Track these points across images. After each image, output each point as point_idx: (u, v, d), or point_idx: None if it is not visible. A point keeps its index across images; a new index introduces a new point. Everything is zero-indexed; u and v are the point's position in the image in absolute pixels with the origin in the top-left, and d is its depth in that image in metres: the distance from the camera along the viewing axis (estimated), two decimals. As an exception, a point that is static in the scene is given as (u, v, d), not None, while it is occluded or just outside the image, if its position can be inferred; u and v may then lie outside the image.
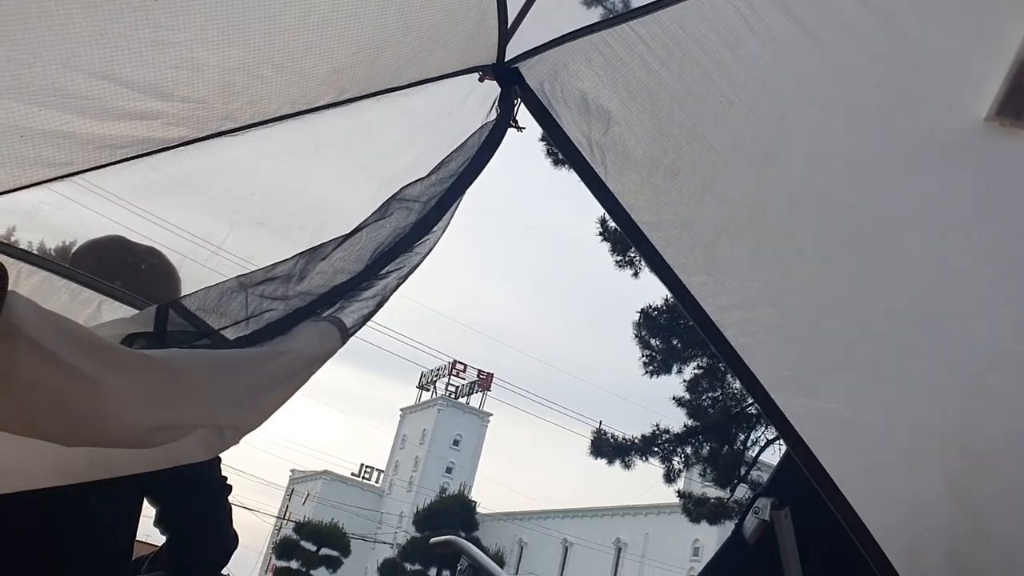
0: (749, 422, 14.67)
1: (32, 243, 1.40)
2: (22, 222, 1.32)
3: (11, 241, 1.32)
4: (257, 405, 0.90)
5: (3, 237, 1.29)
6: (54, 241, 1.50)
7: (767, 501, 1.43)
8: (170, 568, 1.70)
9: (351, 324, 1.01)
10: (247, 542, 57.15)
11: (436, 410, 74.27)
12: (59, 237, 1.51)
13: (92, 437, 0.76)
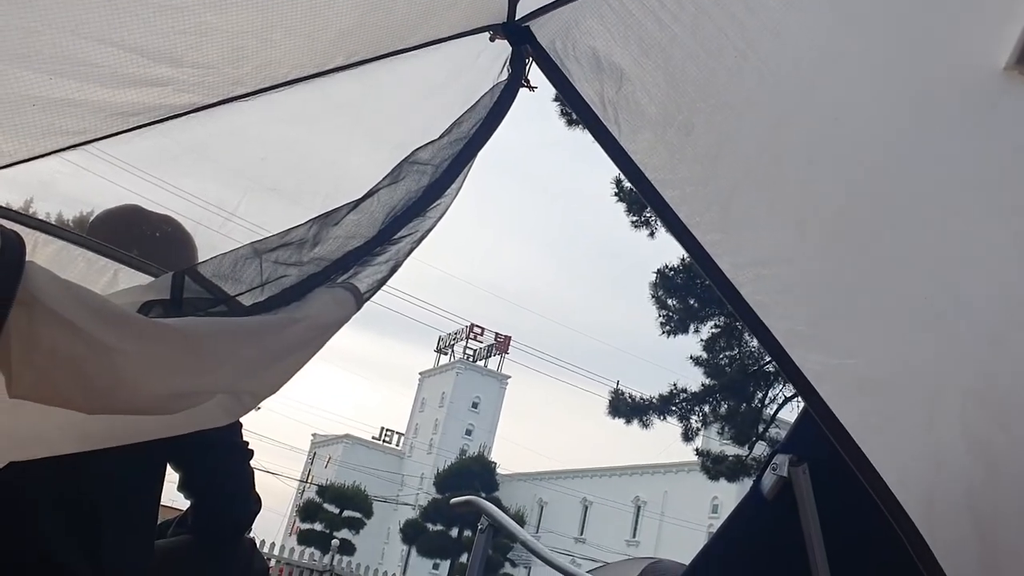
0: (767, 380, 14.67)
1: (50, 214, 1.40)
2: (38, 193, 1.33)
3: (29, 212, 1.33)
4: (274, 371, 0.91)
5: (21, 208, 1.30)
6: (71, 212, 1.51)
7: (785, 457, 1.43)
8: (195, 531, 1.73)
9: (365, 289, 1.01)
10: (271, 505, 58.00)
11: (454, 373, 74.71)
12: (75, 207, 1.52)
13: (112, 404, 0.77)
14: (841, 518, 1.46)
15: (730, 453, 15.06)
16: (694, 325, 14.61)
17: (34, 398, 0.73)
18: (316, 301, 0.94)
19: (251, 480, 1.71)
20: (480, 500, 1.98)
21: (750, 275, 1.25)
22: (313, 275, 0.96)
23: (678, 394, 14.58)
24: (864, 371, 1.27)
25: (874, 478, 1.17)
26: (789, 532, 1.44)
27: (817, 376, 1.21)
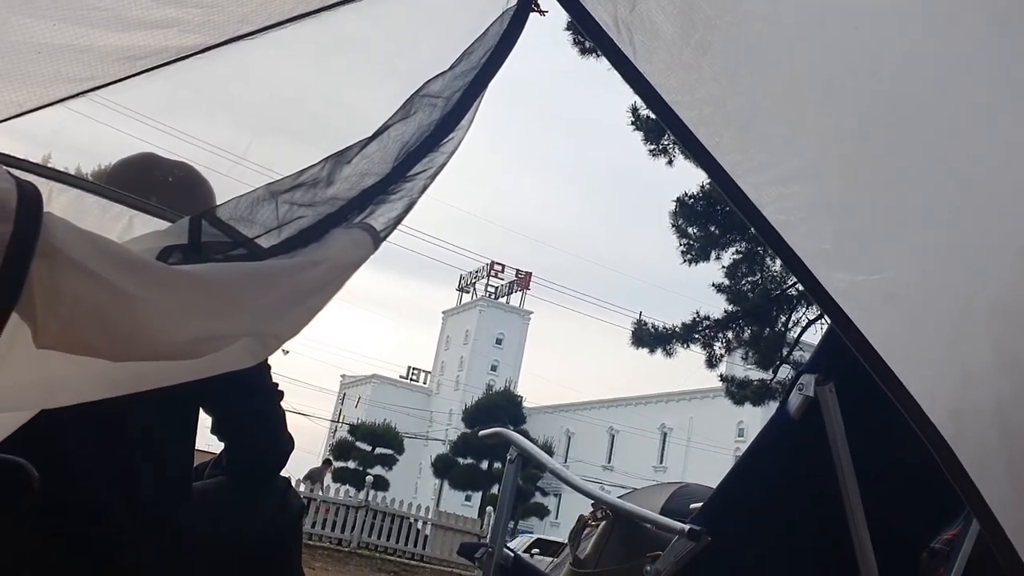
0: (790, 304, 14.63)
1: (68, 167, 1.40)
2: (50, 143, 1.32)
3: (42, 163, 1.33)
4: (296, 313, 0.91)
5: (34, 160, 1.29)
6: (83, 163, 1.51)
7: (811, 377, 1.43)
8: (230, 473, 1.76)
9: (381, 228, 1.00)
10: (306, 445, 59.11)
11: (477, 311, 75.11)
12: (86, 158, 1.51)
13: (136, 351, 0.78)
14: (868, 435, 1.47)
15: (754, 377, 15.13)
16: (715, 252, 14.54)
17: (60, 348, 0.73)
18: (334, 242, 0.93)
19: (282, 420, 1.74)
20: (508, 432, 2.00)
21: (772, 194, 1.23)
22: (329, 215, 0.95)
23: (701, 321, 14.59)
24: (890, 286, 1.26)
25: (901, 393, 1.16)
26: (817, 451, 1.44)
27: (842, 294, 1.19)
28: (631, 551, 1.62)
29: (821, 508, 1.56)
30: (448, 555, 16.81)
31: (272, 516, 1.78)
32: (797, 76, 1.25)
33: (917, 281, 1.27)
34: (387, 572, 13.35)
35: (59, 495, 1.32)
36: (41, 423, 0.99)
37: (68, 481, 1.36)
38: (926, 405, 1.21)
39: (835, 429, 1.43)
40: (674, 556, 1.52)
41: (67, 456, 1.38)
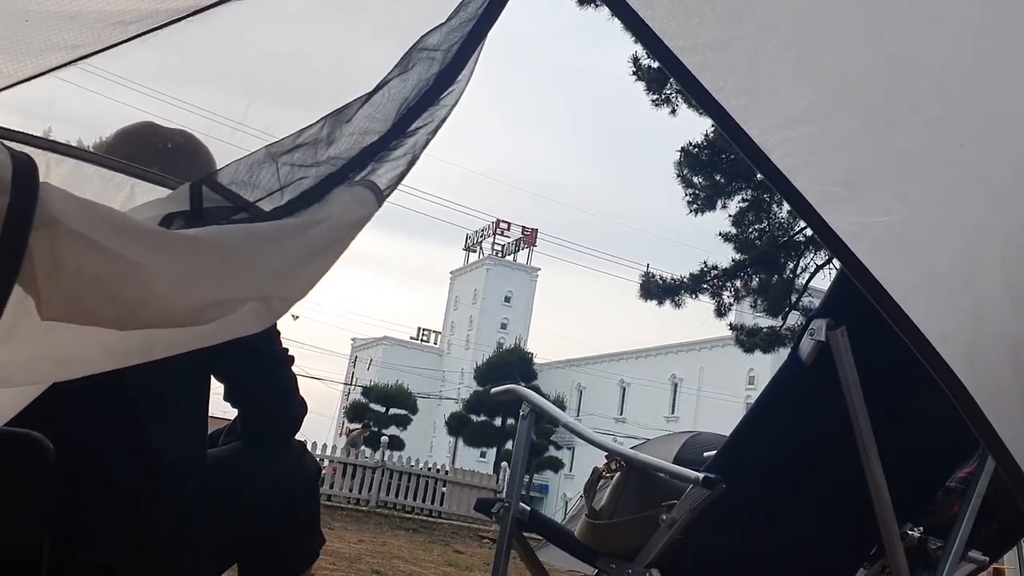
0: (797, 250, 14.58)
1: (69, 142, 1.39)
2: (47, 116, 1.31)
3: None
4: (301, 274, 0.90)
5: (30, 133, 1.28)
6: (90, 138, 1.50)
7: (822, 322, 1.42)
8: (245, 438, 1.77)
9: (384, 186, 0.99)
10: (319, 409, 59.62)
11: (485, 270, 75.18)
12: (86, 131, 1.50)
13: (144, 319, 0.77)
14: (882, 378, 1.46)
15: (764, 325, 15.13)
16: (721, 201, 14.47)
17: (66, 319, 0.73)
18: (336, 201, 0.92)
19: (294, 384, 1.74)
20: (520, 388, 2.00)
21: (779, 138, 1.21)
22: (330, 175, 0.94)
23: (709, 271, 14.57)
24: (900, 227, 1.24)
25: (914, 334, 1.15)
26: (829, 396, 1.44)
27: (853, 236, 1.18)
28: (646, 500, 1.63)
29: (835, 452, 1.56)
30: (466, 511, 17.03)
31: (289, 479, 1.80)
32: (802, 15, 1.22)
33: (928, 221, 1.26)
34: (406, 529, 13.53)
35: (75, 466, 1.32)
36: (53, 395, 0.99)
37: (84, 452, 1.37)
38: (939, 345, 1.20)
39: (847, 373, 1.42)
40: (689, 504, 1.53)
41: (81, 427, 1.38)
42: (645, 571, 1.57)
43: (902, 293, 1.19)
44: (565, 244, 67.36)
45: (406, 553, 9.24)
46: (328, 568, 6.29)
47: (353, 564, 7.02)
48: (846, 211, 1.22)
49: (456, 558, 9.61)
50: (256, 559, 1.80)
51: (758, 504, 1.60)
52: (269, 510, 1.75)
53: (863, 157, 1.26)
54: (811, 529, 1.70)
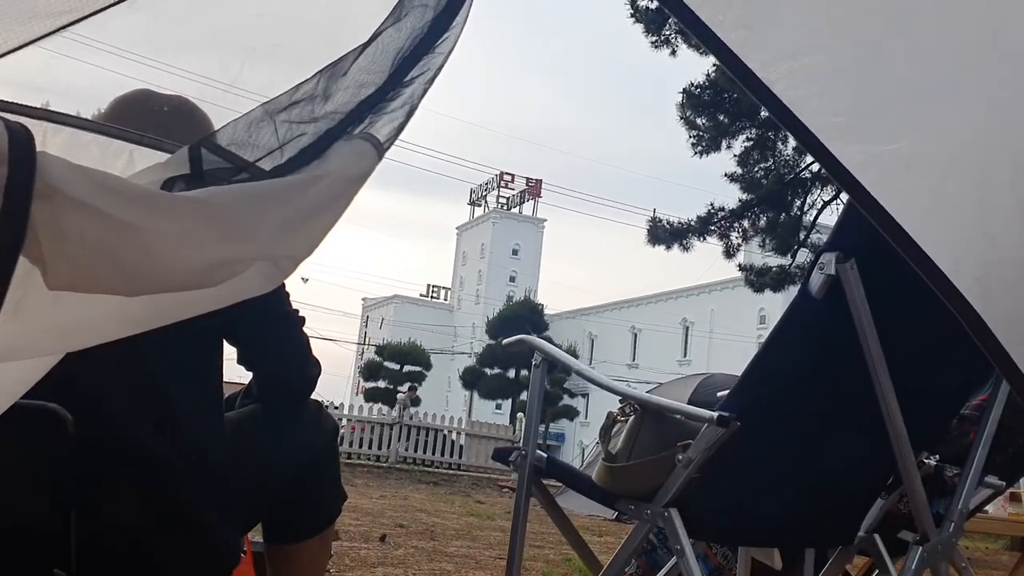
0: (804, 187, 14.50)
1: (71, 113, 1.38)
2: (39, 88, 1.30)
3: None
4: (306, 231, 0.90)
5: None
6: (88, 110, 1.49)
7: (832, 255, 1.41)
8: (261, 400, 1.78)
9: (384, 139, 0.98)
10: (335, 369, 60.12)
11: (491, 223, 75.09)
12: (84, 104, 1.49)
13: (151, 284, 0.77)
14: (893, 309, 1.46)
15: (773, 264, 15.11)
16: (726, 141, 14.35)
17: (73, 287, 0.73)
18: (336, 156, 0.91)
19: (306, 345, 1.75)
20: (531, 337, 2.00)
21: (782, 70, 1.19)
22: (329, 130, 0.93)
23: (716, 213, 14.51)
24: (907, 154, 1.23)
25: (925, 262, 1.14)
26: (841, 329, 1.44)
27: (859, 166, 1.17)
28: (661, 442, 1.64)
29: (848, 385, 1.56)
30: (484, 462, 17.24)
31: (307, 438, 1.81)
32: (800, -58, 1.19)
33: (936, 147, 1.24)
34: (427, 483, 13.72)
35: (95, 435, 1.34)
36: (68, 366, 1.00)
37: (102, 421, 1.38)
38: (951, 272, 1.20)
39: (859, 306, 1.41)
40: (705, 443, 1.54)
41: (98, 396, 1.40)
42: (663, 510, 1.59)
43: (911, 221, 1.18)
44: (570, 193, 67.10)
45: (428, 506, 9.38)
46: (352, 524, 6.39)
47: (376, 519, 7.14)
48: (852, 140, 1.20)
49: (477, 508, 9.75)
50: (279, 518, 1.83)
51: (773, 440, 1.61)
52: (290, 469, 1.77)
53: (868, 85, 1.24)
54: (827, 462, 1.71)
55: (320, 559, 1.94)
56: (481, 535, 6.84)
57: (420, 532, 6.58)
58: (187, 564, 1.46)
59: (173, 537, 1.42)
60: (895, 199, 1.19)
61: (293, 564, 1.87)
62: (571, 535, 1.95)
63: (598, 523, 8.58)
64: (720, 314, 52.24)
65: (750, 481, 1.67)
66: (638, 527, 1.66)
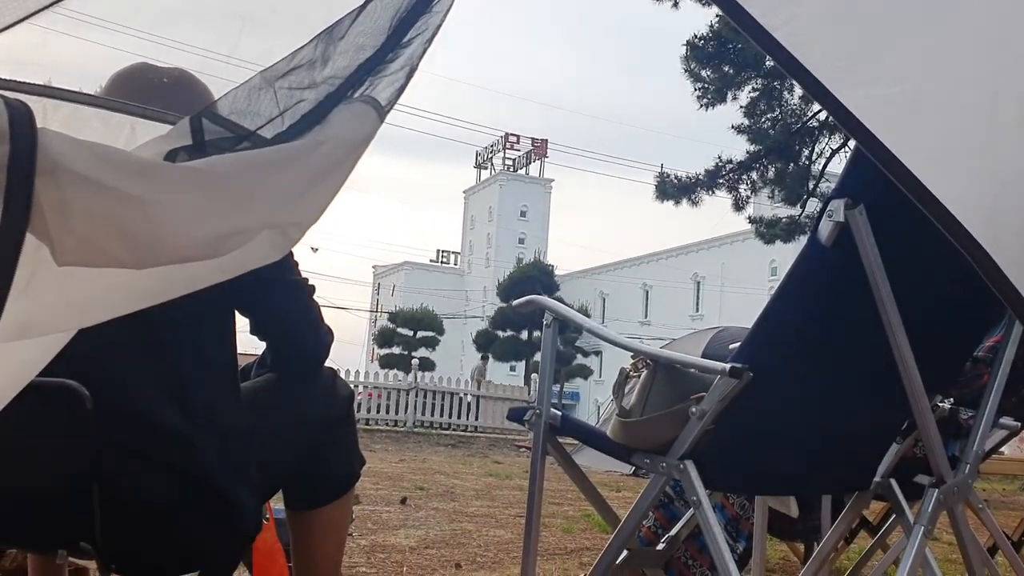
0: (812, 136, 14.37)
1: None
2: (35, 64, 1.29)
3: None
4: (311, 198, 0.90)
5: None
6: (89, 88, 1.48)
7: (840, 202, 1.40)
8: (275, 369, 1.79)
9: (385, 101, 0.97)
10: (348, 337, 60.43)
11: (498, 186, 74.90)
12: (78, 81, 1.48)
13: (160, 256, 0.77)
14: (904, 254, 1.45)
15: (783, 215, 15.04)
16: (731, 92, 14.21)
17: (82, 262, 0.73)
18: (337, 120, 0.91)
19: (318, 313, 1.76)
20: (541, 297, 2.00)
21: (783, 16, 1.17)
22: (330, 95, 0.92)
23: (724, 166, 14.42)
24: (912, 96, 1.21)
25: (934, 204, 1.14)
26: (852, 276, 1.43)
27: (865, 110, 1.15)
28: (675, 396, 1.64)
29: (860, 331, 1.56)
30: (500, 423, 17.38)
31: (323, 404, 1.83)
32: None
33: (941, 87, 1.23)
34: (444, 446, 13.85)
35: (112, 410, 1.35)
36: (83, 343, 1.01)
37: (119, 396, 1.40)
38: (960, 214, 1.19)
39: (869, 251, 1.41)
40: (718, 395, 1.54)
41: (114, 370, 1.41)
42: (679, 463, 1.60)
43: (918, 163, 1.17)
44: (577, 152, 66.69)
45: (447, 468, 9.47)
46: (372, 488, 6.47)
47: (396, 482, 7.22)
48: (856, 84, 1.19)
49: (495, 468, 9.84)
50: (299, 484, 1.85)
51: (786, 389, 1.62)
52: (307, 436, 1.79)
53: (870, 28, 1.22)
54: (841, 409, 1.72)
55: (341, 523, 1.97)
56: (500, 494, 6.91)
57: (440, 494, 6.65)
58: (209, 532, 1.48)
59: (194, 506, 1.44)
60: (902, 142, 1.17)
61: (315, 529, 1.90)
62: (589, 491, 1.96)
63: (615, 479, 8.66)
64: (731, 267, 52.14)
65: (765, 431, 1.67)
66: (654, 480, 1.67)
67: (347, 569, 3.19)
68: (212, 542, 1.50)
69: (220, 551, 1.52)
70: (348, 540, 3.10)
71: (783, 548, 4.13)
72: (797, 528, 2.88)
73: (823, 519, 2.62)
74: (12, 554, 2.32)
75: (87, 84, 1.46)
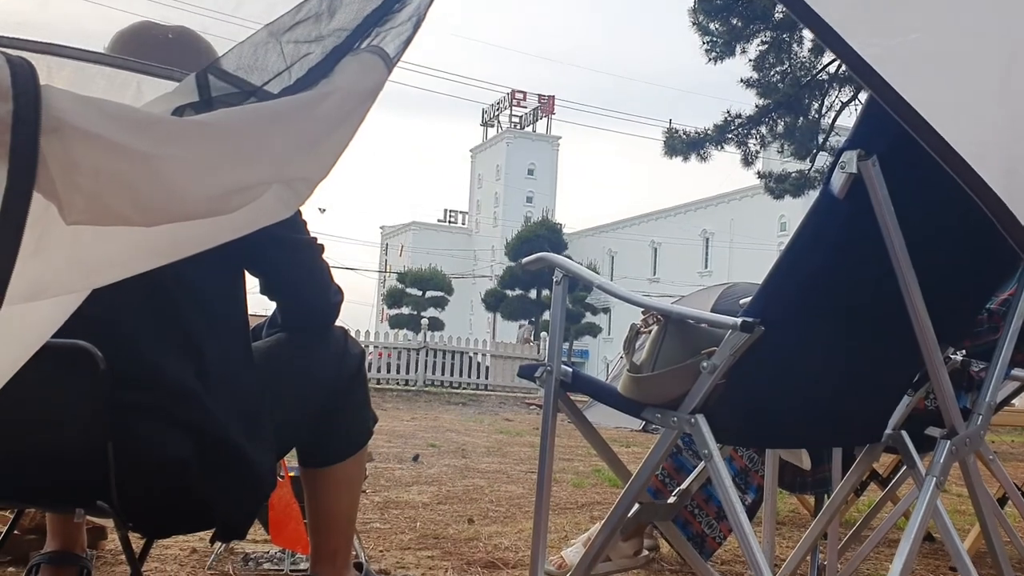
0: (821, 89, 14.20)
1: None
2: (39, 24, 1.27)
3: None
4: (319, 152, 0.89)
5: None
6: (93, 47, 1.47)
7: (853, 153, 1.38)
8: (286, 328, 1.80)
9: (393, 53, 0.96)
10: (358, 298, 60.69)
11: (505, 144, 74.48)
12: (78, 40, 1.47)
13: (168, 213, 0.77)
14: (917, 206, 1.43)
15: (792, 170, 14.93)
16: (740, 46, 14.04)
17: (90, 221, 0.73)
18: (344, 72, 0.89)
19: (327, 271, 1.76)
20: (550, 255, 1.99)
21: (796, -38, 1.15)
22: (336, 47, 0.91)
23: (733, 120, 14.28)
24: (928, 45, 1.19)
25: (949, 154, 1.12)
26: (864, 228, 1.42)
27: (879, 59, 1.13)
28: (686, 351, 1.64)
29: (872, 283, 1.55)
30: (510, 381, 17.48)
31: (334, 363, 1.84)
32: None
33: (956, 36, 1.20)
34: (455, 404, 13.95)
35: (126, 369, 1.36)
36: (95, 304, 1.01)
37: (132, 356, 1.40)
38: (976, 164, 1.17)
39: (881, 203, 1.39)
40: (729, 349, 1.54)
41: (126, 330, 1.41)
42: (690, 417, 1.60)
43: (934, 113, 1.15)
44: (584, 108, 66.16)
45: (458, 426, 9.55)
46: (385, 446, 6.53)
47: (408, 440, 7.28)
48: (871, 32, 1.16)
49: (506, 426, 9.91)
50: (313, 442, 1.87)
51: (798, 343, 1.61)
52: (319, 394, 1.80)
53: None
54: (853, 362, 1.71)
55: (355, 480, 1.98)
56: (511, 451, 6.97)
57: (452, 451, 6.72)
58: (223, 489, 1.50)
59: (208, 464, 1.46)
60: (916, 91, 1.15)
61: (329, 486, 1.92)
62: (599, 446, 1.97)
63: (625, 434, 8.72)
64: (740, 223, 51.91)
65: (776, 384, 1.67)
66: (665, 434, 1.67)
67: (361, 525, 3.23)
68: (227, 499, 1.51)
69: (235, 508, 1.54)
70: (362, 497, 3.15)
71: (793, 501, 4.17)
72: (807, 481, 2.90)
73: (833, 472, 2.64)
74: (31, 513, 2.35)
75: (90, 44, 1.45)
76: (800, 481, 2.92)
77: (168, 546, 2.76)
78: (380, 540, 3.15)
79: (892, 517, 2.65)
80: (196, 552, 2.72)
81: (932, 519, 1.62)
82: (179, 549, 2.75)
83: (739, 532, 1.55)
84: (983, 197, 1.16)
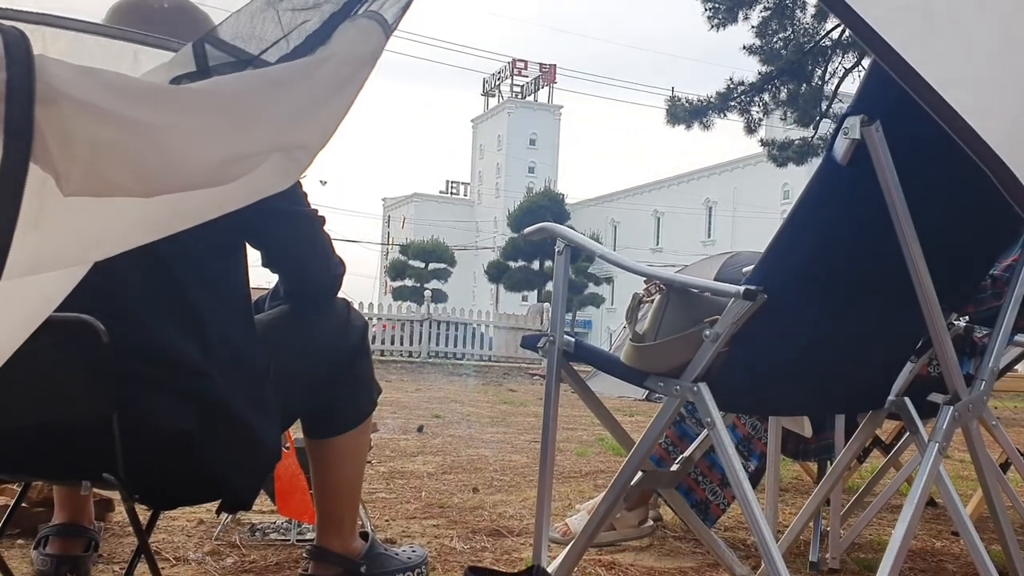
0: (824, 55, 14.08)
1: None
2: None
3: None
4: (317, 119, 0.88)
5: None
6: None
7: (856, 119, 1.37)
8: (289, 300, 1.80)
9: (391, 19, 0.95)
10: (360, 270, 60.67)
11: (506, 114, 74.08)
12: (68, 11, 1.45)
13: (167, 183, 0.76)
14: (921, 172, 1.43)
15: (795, 138, 14.84)
16: (743, 12, 13.88)
17: (88, 192, 0.72)
18: (341, 37, 0.88)
19: (328, 243, 1.76)
20: (552, 225, 1.99)
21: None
22: (334, 15, 0.90)
23: (735, 87, 14.17)
24: (932, 9, 1.18)
25: (953, 118, 1.11)
26: (867, 194, 1.41)
27: (884, 22, 1.12)
28: (688, 320, 1.64)
29: (876, 250, 1.54)
30: (514, 352, 17.53)
31: (337, 334, 1.84)
32: None
33: (960, 2, 1.19)
34: (459, 375, 14.01)
35: (129, 341, 1.36)
36: (98, 277, 1.00)
37: (135, 329, 1.40)
38: (980, 127, 1.16)
39: (885, 168, 1.38)
40: (732, 317, 1.54)
41: (129, 304, 1.42)
42: (693, 385, 1.60)
43: (938, 77, 1.14)
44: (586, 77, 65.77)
45: (462, 397, 9.59)
46: (389, 416, 6.56)
47: (413, 411, 7.31)
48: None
49: (510, 396, 9.96)
50: (317, 414, 1.88)
51: (800, 310, 1.61)
52: (322, 366, 1.80)
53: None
54: (855, 328, 1.71)
55: (360, 451, 2.00)
56: (515, 421, 7.00)
57: (456, 421, 6.75)
58: (228, 461, 1.51)
59: (213, 435, 1.46)
60: (921, 56, 1.14)
61: (334, 457, 1.93)
62: (603, 415, 1.98)
63: (628, 403, 8.76)
64: (743, 192, 51.76)
65: (778, 352, 1.67)
66: (668, 402, 1.68)
67: (367, 495, 3.26)
68: (232, 470, 1.52)
69: (240, 479, 1.55)
70: (367, 467, 3.17)
71: (796, 468, 4.19)
72: (810, 448, 2.91)
73: (836, 438, 2.65)
74: (39, 486, 2.37)
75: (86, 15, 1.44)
76: (803, 448, 2.93)
77: (175, 517, 2.78)
78: (386, 510, 3.17)
79: (895, 483, 2.67)
80: (203, 523, 2.75)
81: (935, 485, 1.63)
82: (186, 520, 2.77)
83: (742, 499, 1.56)
84: (986, 160, 1.15)
